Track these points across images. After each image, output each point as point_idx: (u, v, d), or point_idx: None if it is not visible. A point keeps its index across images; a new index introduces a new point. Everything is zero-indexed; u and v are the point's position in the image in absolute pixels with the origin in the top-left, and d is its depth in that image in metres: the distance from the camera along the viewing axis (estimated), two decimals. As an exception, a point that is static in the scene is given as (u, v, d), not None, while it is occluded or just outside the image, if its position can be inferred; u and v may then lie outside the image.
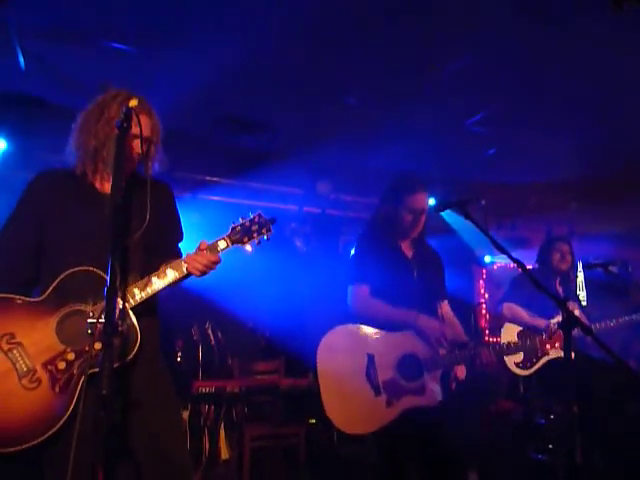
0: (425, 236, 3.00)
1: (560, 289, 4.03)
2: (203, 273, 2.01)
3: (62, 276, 1.89)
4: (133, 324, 1.89)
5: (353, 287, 2.86)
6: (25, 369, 1.81)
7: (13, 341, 1.83)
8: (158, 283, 1.95)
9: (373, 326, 2.74)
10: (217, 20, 3.38)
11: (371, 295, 2.81)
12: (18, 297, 1.90)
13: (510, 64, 3.83)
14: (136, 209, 1.97)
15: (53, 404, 1.79)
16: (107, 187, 2.00)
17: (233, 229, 2.09)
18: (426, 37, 3.56)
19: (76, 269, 1.89)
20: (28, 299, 1.90)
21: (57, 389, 1.81)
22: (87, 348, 1.83)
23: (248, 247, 2.10)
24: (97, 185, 2.07)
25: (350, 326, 2.75)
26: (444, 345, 2.71)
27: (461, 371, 2.80)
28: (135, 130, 1.85)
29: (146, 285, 1.94)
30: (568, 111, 4.49)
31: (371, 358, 2.66)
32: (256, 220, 2.12)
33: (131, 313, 1.90)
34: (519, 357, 3.77)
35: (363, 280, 2.83)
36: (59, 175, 2.09)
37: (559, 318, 3.77)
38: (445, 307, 2.99)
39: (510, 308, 3.89)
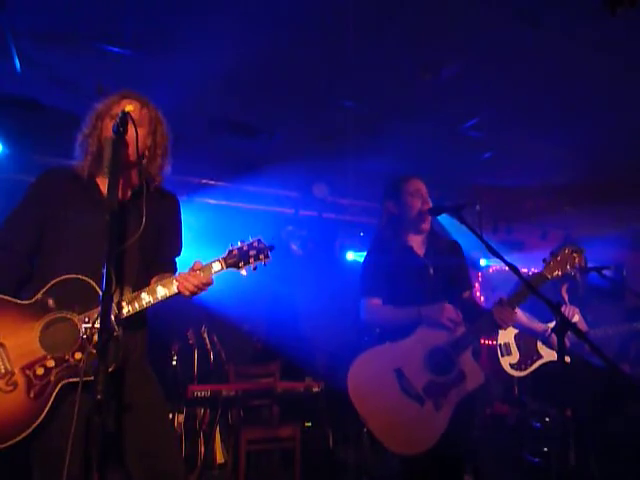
0: (437, 228, 2.97)
1: (566, 295, 4.02)
2: (193, 294, 1.97)
3: (52, 282, 1.88)
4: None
5: (364, 301, 2.79)
6: (3, 371, 1.80)
7: None
8: (147, 299, 1.93)
9: (390, 337, 2.64)
10: (214, 23, 3.38)
11: (383, 304, 2.75)
12: (7, 298, 1.89)
13: (506, 68, 3.84)
14: (137, 218, 1.94)
15: (25, 409, 1.78)
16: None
17: (230, 252, 2.04)
18: (422, 41, 3.57)
19: (67, 276, 1.88)
20: (16, 300, 1.89)
21: (32, 395, 1.79)
22: (67, 357, 1.82)
23: (243, 272, 2.04)
24: (102, 188, 2.05)
25: (363, 355, 2.63)
26: (459, 322, 2.62)
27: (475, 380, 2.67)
28: (128, 136, 1.84)
29: (134, 300, 1.92)
30: (564, 115, 4.51)
31: (399, 372, 2.56)
32: (255, 245, 2.07)
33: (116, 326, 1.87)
34: (514, 358, 3.78)
35: (373, 293, 2.77)
36: (64, 175, 2.07)
37: (547, 326, 3.80)
38: (466, 295, 2.92)
39: None
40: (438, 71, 3.89)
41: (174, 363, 4.57)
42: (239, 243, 2.06)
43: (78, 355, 1.81)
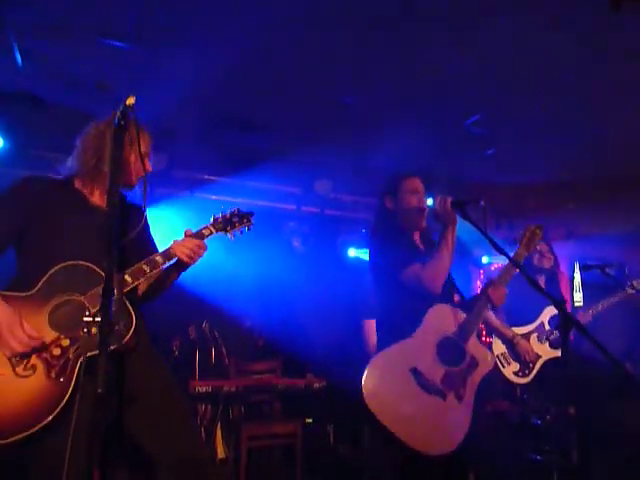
0: (431, 231, 2.97)
1: (546, 288, 4.03)
2: (190, 257, 2.06)
3: (52, 270, 1.91)
4: (128, 309, 1.91)
5: (406, 271, 2.66)
6: (19, 357, 1.82)
7: None
8: (147, 269, 1.99)
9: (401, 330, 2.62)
10: (216, 19, 3.37)
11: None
12: (7, 293, 1.90)
13: (508, 65, 3.83)
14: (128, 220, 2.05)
15: (50, 390, 1.80)
16: (98, 199, 2.10)
17: (215, 219, 2.20)
18: (425, 37, 3.55)
19: (65, 263, 1.92)
20: (17, 294, 1.91)
21: (53, 374, 1.82)
22: (82, 333, 1.82)
23: (230, 236, 2.21)
24: (89, 197, 2.11)
25: (374, 363, 2.55)
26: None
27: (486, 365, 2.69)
28: (142, 150, 1.95)
29: (136, 272, 1.97)
30: (566, 111, 4.49)
31: (415, 370, 2.53)
32: (235, 212, 2.24)
33: (125, 300, 1.92)
34: (515, 367, 3.78)
35: (408, 261, 2.68)
36: (48, 182, 2.12)
37: (533, 326, 3.83)
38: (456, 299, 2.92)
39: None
40: (441, 67, 3.88)
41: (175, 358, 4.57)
42: (221, 213, 2.23)
43: (93, 329, 1.81)
